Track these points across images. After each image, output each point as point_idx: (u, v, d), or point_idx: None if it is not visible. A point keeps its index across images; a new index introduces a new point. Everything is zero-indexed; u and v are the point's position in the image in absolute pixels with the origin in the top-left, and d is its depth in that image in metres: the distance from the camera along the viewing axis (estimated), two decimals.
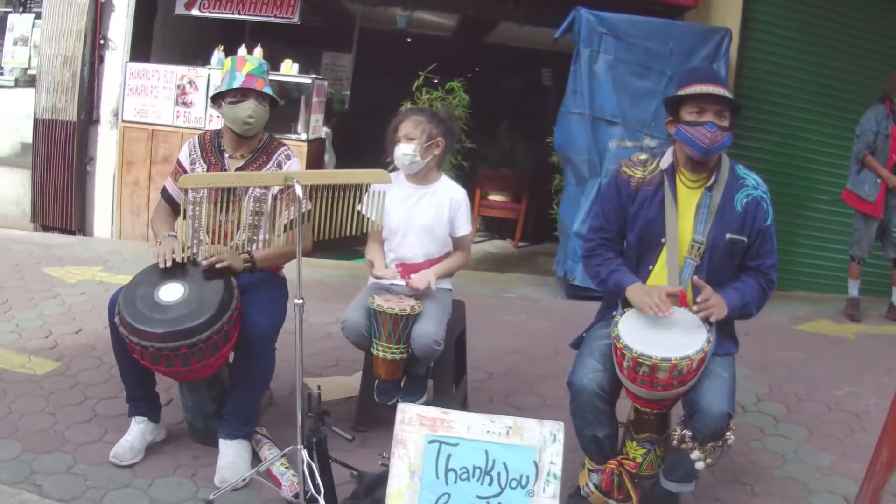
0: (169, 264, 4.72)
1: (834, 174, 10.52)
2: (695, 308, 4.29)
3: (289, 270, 5.32)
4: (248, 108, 4.98)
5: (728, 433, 4.30)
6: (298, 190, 4.12)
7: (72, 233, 10.89)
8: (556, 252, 10.68)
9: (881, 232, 9.50)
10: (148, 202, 10.65)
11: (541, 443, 3.84)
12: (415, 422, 3.88)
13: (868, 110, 9.33)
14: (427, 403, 5.20)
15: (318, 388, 4.51)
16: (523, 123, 14.03)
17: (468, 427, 3.88)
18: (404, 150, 5.26)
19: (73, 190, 10.78)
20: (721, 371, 4.35)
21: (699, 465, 4.31)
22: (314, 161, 10.53)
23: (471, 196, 11.76)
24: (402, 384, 5.33)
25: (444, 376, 5.42)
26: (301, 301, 4.27)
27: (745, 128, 10.15)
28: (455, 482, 3.81)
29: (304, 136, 10.35)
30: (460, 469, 3.82)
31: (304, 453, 4.26)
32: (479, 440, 3.86)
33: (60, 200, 10.83)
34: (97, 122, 10.90)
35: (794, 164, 10.60)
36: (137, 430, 5.01)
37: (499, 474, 3.81)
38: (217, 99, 5.11)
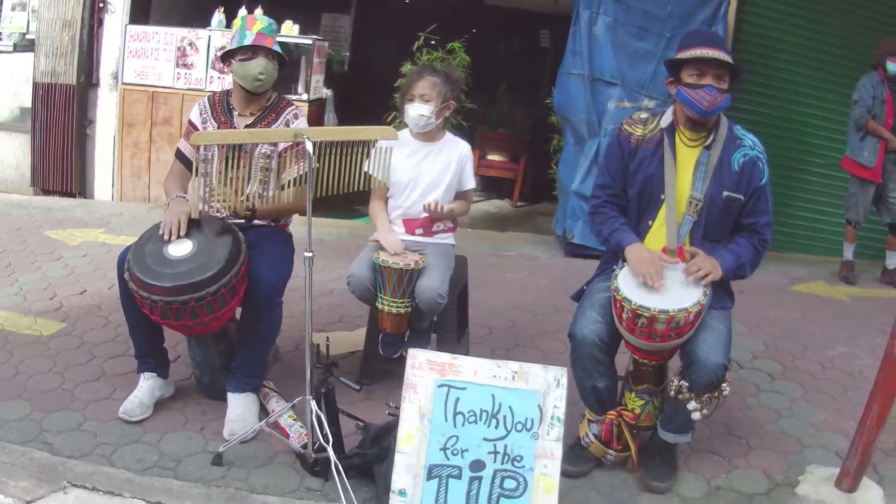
0: (174, 237, 4.77)
1: (830, 138, 10.57)
2: (688, 276, 4.39)
3: (294, 228, 5.41)
4: (259, 64, 5.07)
5: (724, 384, 4.43)
6: (309, 146, 4.17)
7: (72, 196, 10.90)
8: (553, 211, 10.74)
9: (877, 197, 9.54)
10: (149, 164, 10.71)
11: (545, 387, 3.95)
12: (424, 366, 3.99)
13: (863, 77, 9.35)
14: None
15: (328, 339, 4.58)
16: (522, 84, 14.00)
17: (475, 372, 3.99)
18: (420, 111, 5.30)
19: (72, 153, 10.79)
20: (717, 324, 4.45)
21: (696, 416, 4.44)
22: (315, 121, 10.49)
23: None
24: (406, 338, 5.39)
25: (447, 330, 5.51)
26: (311, 254, 4.35)
27: (742, 91, 10.11)
28: (463, 425, 3.93)
29: (304, 97, 10.36)
30: (468, 412, 3.94)
31: (313, 403, 4.34)
32: (486, 384, 3.97)
33: (60, 164, 10.84)
34: (97, 85, 10.89)
35: (791, 128, 10.62)
36: (146, 387, 5.08)
37: (505, 417, 3.93)
38: (227, 57, 5.20)
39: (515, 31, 15.93)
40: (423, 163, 5.42)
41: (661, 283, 4.34)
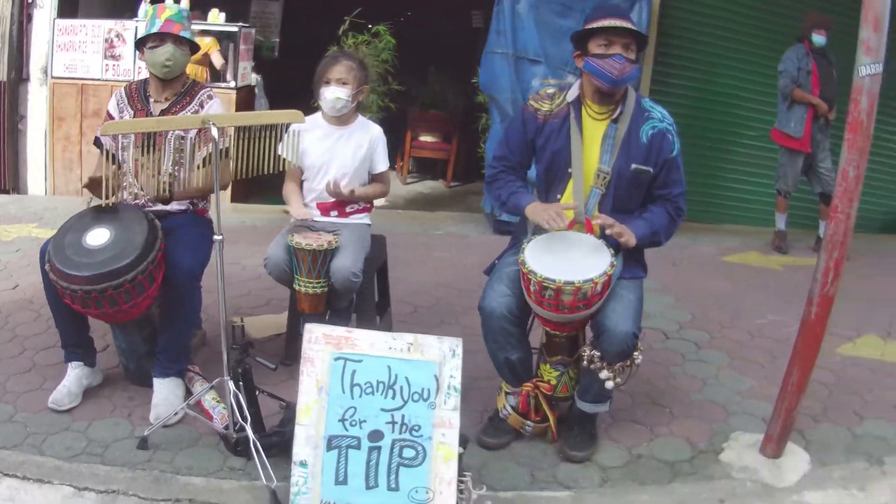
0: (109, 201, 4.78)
1: (758, 109, 10.69)
2: (603, 224, 4.40)
3: (214, 212, 5.43)
4: (167, 51, 5.12)
5: (636, 353, 4.47)
6: (214, 132, 4.22)
7: (6, 192, 10.77)
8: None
9: (807, 167, 9.66)
10: (80, 157, 10.62)
11: (440, 358, 3.99)
12: (321, 340, 4.02)
13: (788, 50, 9.47)
14: None
15: (241, 320, 4.60)
16: (454, 65, 13.97)
17: (371, 344, 4.03)
18: (337, 94, 5.37)
19: (5, 149, 10.65)
20: (627, 293, 4.49)
21: (609, 385, 4.47)
22: (244, 107, 10.54)
23: (402, 138, 11.64)
24: (326, 318, 5.41)
25: (366, 309, 5.57)
26: (220, 237, 4.37)
27: (668, 65, 10.30)
28: (360, 396, 3.97)
29: (232, 84, 10.42)
30: (365, 384, 3.98)
31: (231, 384, 4.38)
32: (382, 356, 4.01)
33: None
34: (27, 80, 10.77)
35: (719, 101, 10.75)
36: (74, 376, 5.10)
37: (401, 388, 3.97)
38: (140, 46, 5.25)
39: (448, 11, 15.88)
40: (335, 146, 5.49)
41: (564, 223, 4.38)
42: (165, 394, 4.98)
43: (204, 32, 10.36)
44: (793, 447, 4.82)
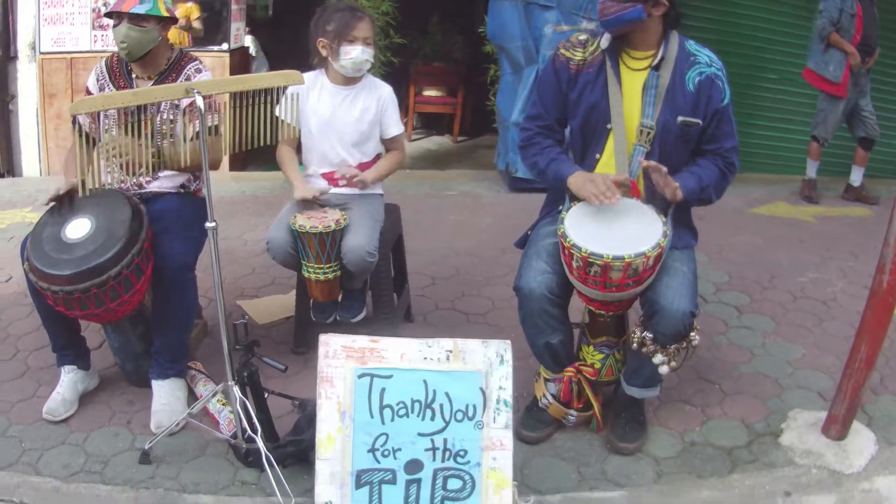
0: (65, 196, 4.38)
1: (784, 52, 10.37)
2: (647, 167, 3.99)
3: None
4: (120, 32, 4.62)
5: (692, 333, 4.09)
6: (199, 101, 3.73)
7: (0, 175, 10.58)
8: (495, 144, 10.50)
9: (849, 111, 9.34)
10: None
11: (486, 366, 3.54)
12: (340, 355, 3.55)
13: None
14: (367, 318, 5.04)
15: (244, 317, 4.21)
16: (455, 14, 13.88)
17: (402, 355, 3.57)
18: (366, 56, 4.92)
19: None
20: (680, 266, 4.07)
21: (663, 370, 4.10)
22: (239, 71, 10.28)
23: (405, 93, 11.38)
24: (339, 299, 5.05)
25: (384, 288, 5.16)
26: (214, 224, 3.91)
27: (686, 6, 9.86)
28: (392, 420, 3.53)
29: (225, 47, 10.16)
30: (397, 404, 3.54)
31: (236, 390, 3.98)
32: (416, 369, 3.56)
33: None
34: (15, 58, 10.55)
35: (741, 43, 10.36)
36: (68, 381, 4.71)
37: (441, 406, 3.54)
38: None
39: None
40: (341, 108, 5.02)
41: (618, 198, 3.92)
42: (166, 398, 4.59)
43: None
44: (857, 426, 4.47)
